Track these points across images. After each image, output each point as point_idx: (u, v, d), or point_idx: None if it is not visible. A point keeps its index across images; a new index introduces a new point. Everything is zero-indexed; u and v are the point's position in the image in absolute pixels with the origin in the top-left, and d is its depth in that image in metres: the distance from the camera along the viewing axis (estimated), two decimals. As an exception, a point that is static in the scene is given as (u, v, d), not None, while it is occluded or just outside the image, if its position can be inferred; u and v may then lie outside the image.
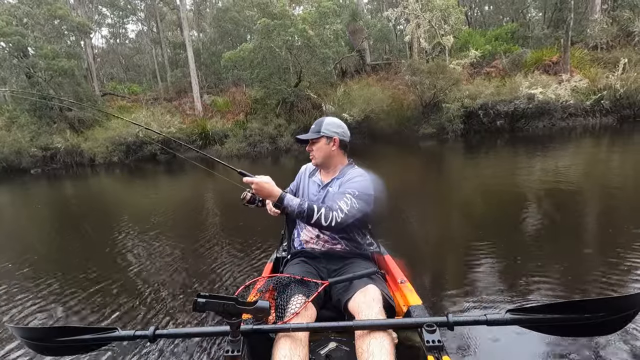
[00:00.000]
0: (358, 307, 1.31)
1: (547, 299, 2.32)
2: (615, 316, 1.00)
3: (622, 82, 11.96)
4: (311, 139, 1.69)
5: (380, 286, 1.44)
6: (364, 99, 13.32)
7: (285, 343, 1.18)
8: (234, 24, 19.83)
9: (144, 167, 13.41)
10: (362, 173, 1.66)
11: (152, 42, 24.37)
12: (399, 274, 1.74)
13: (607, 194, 4.87)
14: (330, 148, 1.67)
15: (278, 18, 13.25)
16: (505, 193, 5.27)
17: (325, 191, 1.69)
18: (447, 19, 13.84)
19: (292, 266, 1.64)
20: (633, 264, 2.68)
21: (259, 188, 1.45)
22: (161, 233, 4.63)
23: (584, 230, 3.71)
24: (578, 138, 10.65)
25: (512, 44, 16.07)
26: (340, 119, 1.68)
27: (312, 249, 1.68)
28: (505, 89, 12.53)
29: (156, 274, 3.30)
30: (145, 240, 4.38)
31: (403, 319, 1.41)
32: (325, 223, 1.44)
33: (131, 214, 6.17)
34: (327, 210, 1.45)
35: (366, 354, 1.14)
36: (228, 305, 1.05)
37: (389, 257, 1.93)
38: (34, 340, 1.19)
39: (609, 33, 14.68)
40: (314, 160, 1.72)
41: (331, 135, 1.65)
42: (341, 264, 1.62)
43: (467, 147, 11.31)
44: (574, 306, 1.05)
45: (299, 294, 1.37)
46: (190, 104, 18.10)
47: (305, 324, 1.21)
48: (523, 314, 1.11)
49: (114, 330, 1.19)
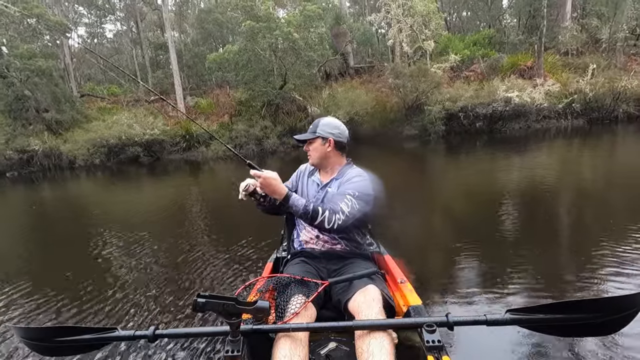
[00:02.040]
0: (358, 307, 1.32)
1: (547, 298, 2.37)
2: (615, 316, 1.00)
3: (591, 87, 12.66)
4: (308, 139, 1.71)
5: (380, 286, 1.44)
6: (349, 101, 13.56)
7: (285, 343, 1.18)
8: (217, 26, 19.73)
9: (127, 170, 13.18)
10: (361, 173, 1.67)
11: (132, 43, 23.89)
12: (398, 274, 1.75)
13: (582, 190, 5.23)
14: (325, 149, 1.68)
15: (263, 21, 13.33)
16: (495, 193, 5.45)
17: (324, 191, 1.70)
18: (428, 24, 14.25)
19: (292, 266, 1.64)
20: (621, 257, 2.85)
21: (266, 183, 1.44)
22: (153, 234, 4.64)
23: (575, 227, 3.84)
24: (552, 139, 11.22)
25: (490, 49, 16.68)
26: None
27: (312, 249, 1.68)
28: (484, 93, 13.03)
29: (150, 275, 3.29)
30: (136, 242, 4.36)
31: (403, 319, 1.41)
32: (328, 225, 1.45)
33: (119, 216, 6.13)
34: (331, 213, 1.46)
35: (366, 354, 1.14)
36: (228, 305, 1.05)
37: (388, 257, 1.94)
38: (34, 340, 1.19)
39: (578, 40, 15.49)
40: (311, 160, 1.75)
41: (326, 136, 1.67)
42: (341, 264, 1.63)
43: (449, 148, 11.70)
44: (573, 306, 1.05)
45: (299, 294, 1.37)
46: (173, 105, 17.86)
47: (305, 324, 1.22)
48: (523, 314, 1.11)
49: (113, 330, 1.20)
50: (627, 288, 2.41)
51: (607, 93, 12.59)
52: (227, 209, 5.77)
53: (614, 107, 12.70)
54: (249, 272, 3.08)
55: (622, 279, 2.54)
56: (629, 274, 2.58)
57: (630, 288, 2.41)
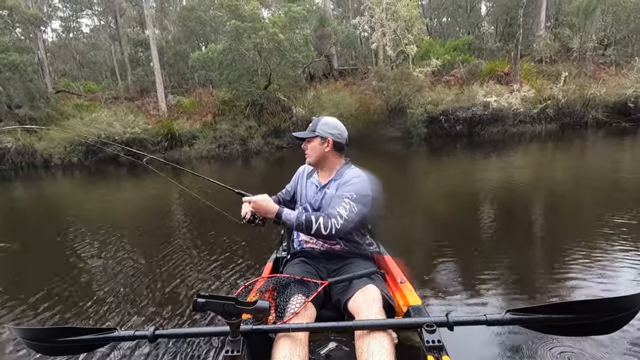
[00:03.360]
0: (358, 307, 1.32)
1: (547, 297, 2.40)
2: (614, 316, 1.01)
3: (563, 93, 13.30)
4: (307, 138, 1.71)
5: (380, 286, 1.44)
6: (333, 103, 13.71)
7: (285, 343, 1.18)
8: (199, 24, 19.48)
9: (105, 169, 12.83)
10: (359, 174, 1.66)
11: (110, 39, 23.24)
12: (398, 273, 1.75)
13: (564, 190, 5.56)
14: (324, 148, 1.67)
15: (248, 21, 13.29)
16: (484, 194, 5.61)
17: (322, 193, 1.68)
18: (411, 29, 14.60)
19: (291, 266, 1.64)
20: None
21: (257, 206, 1.50)
22: (144, 236, 4.60)
23: (568, 226, 3.91)
24: (527, 143, 11.72)
25: (469, 54, 17.23)
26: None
27: (312, 249, 1.68)
28: (464, 97, 13.46)
29: (140, 276, 3.27)
30: (126, 242, 4.33)
31: (403, 319, 1.40)
32: (325, 232, 1.45)
33: (105, 217, 6.00)
34: (326, 219, 1.46)
35: (366, 354, 1.14)
36: (228, 305, 1.05)
37: (388, 257, 1.94)
38: (34, 341, 1.19)
39: (552, 48, 16.24)
40: (309, 159, 1.74)
41: (325, 135, 1.66)
42: (341, 264, 1.62)
43: (431, 150, 12.02)
44: (573, 306, 1.06)
45: (299, 294, 1.37)
46: (154, 104, 17.52)
47: (305, 324, 1.22)
48: (523, 314, 1.11)
49: (113, 331, 1.19)
50: (621, 283, 2.54)
51: (577, 100, 13.27)
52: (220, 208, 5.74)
53: (584, 113, 13.39)
54: (248, 272, 3.07)
55: (619, 275, 2.64)
56: (622, 271, 2.70)
57: (623, 282, 2.53)
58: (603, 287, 2.53)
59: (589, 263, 2.87)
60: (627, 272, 2.70)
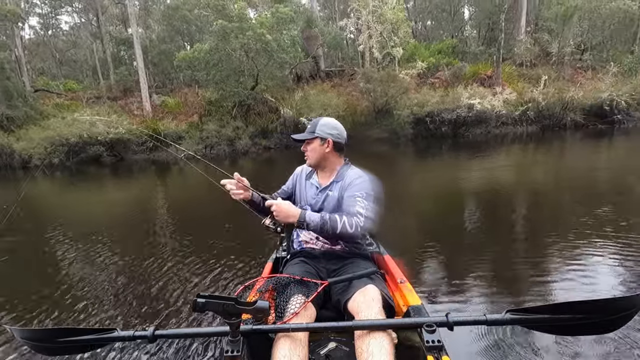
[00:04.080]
0: (357, 307, 1.31)
1: (547, 296, 2.42)
2: (614, 316, 1.01)
3: (543, 96, 13.74)
4: (306, 139, 1.69)
5: (380, 286, 1.44)
6: (321, 104, 13.77)
7: (284, 343, 1.18)
8: (185, 23, 19.25)
9: (87, 170, 12.54)
10: (361, 174, 1.67)
11: (92, 37, 22.67)
12: (398, 274, 1.74)
13: (542, 189, 5.73)
14: (324, 149, 1.66)
15: (235, 21, 13.23)
16: (476, 193, 5.70)
17: (324, 194, 1.68)
18: (397, 32, 14.83)
19: (291, 266, 1.63)
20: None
21: (279, 210, 1.47)
22: (141, 237, 4.54)
23: (563, 225, 3.93)
24: (509, 144, 12.05)
25: (453, 57, 17.59)
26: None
27: (312, 249, 1.67)
28: (449, 99, 13.74)
29: (139, 277, 3.26)
30: (122, 244, 4.29)
31: (403, 319, 1.40)
32: (351, 230, 1.45)
33: (97, 218, 5.88)
34: (349, 217, 1.46)
35: (366, 354, 1.13)
36: (228, 306, 1.04)
37: (388, 257, 1.93)
38: (33, 341, 1.19)
39: (532, 52, 16.74)
40: (309, 160, 1.72)
41: (325, 136, 1.65)
42: (341, 264, 1.62)
43: (417, 151, 12.24)
44: (573, 307, 1.06)
45: (299, 294, 1.37)
46: (138, 103, 17.21)
47: (305, 324, 1.21)
48: (523, 314, 1.11)
49: (113, 331, 1.19)
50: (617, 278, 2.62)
51: (557, 102, 13.72)
52: (215, 209, 5.71)
53: (563, 116, 13.86)
54: (248, 272, 3.07)
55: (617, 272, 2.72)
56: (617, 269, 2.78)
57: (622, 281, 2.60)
58: (604, 284, 2.55)
59: (590, 260, 2.90)
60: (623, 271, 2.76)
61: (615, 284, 2.59)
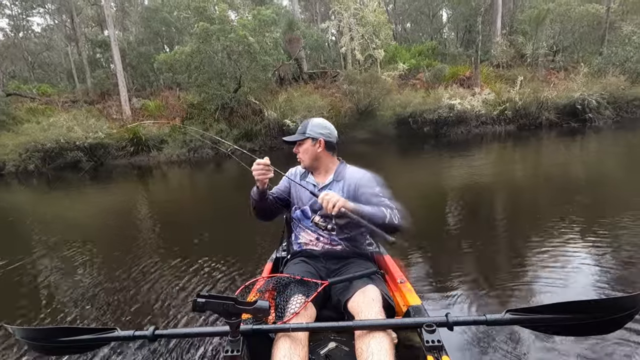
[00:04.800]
0: (357, 307, 1.32)
1: (548, 296, 2.42)
2: (614, 316, 1.01)
3: (520, 96, 14.22)
4: (297, 141, 1.69)
5: (380, 286, 1.44)
6: (305, 106, 13.80)
7: (285, 343, 1.18)
8: (165, 25, 18.94)
9: (65, 176, 12.14)
10: (362, 171, 1.69)
11: (66, 39, 21.99)
12: (398, 274, 1.75)
13: (535, 186, 5.95)
14: (316, 149, 1.66)
15: (217, 23, 13.13)
16: (468, 191, 5.77)
17: (323, 192, 1.65)
18: (378, 34, 15.06)
19: (291, 266, 1.63)
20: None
21: (328, 198, 1.42)
22: (138, 238, 4.47)
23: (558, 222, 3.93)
24: (489, 143, 12.41)
25: (433, 59, 17.98)
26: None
27: (312, 249, 1.67)
28: (430, 100, 14.03)
29: (137, 277, 3.24)
30: (121, 246, 4.23)
31: (402, 319, 1.40)
32: (396, 221, 1.44)
33: (87, 224, 5.72)
34: (389, 211, 1.46)
35: (365, 353, 1.14)
36: (228, 305, 1.05)
37: (388, 257, 1.93)
38: (33, 341, 1.19)
39: (507, 54, 17.31)
40: (303, 162, 1.72)
41: (316, 136, 1.65)
42: (341, 264, 1.62)
43: (401, 151, 12.44)
44: (574, 307, 1.06)
45: (299, 293, 1.37)
46: (117, 107, 16.79)
47: (305, 324, 1.22)
48: (523, 314, 1.11)
49: (113, 331, 1.18)
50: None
51: (532, 102, 14.22)
52: (211, 210, 5.68)
53: (539, 115, 14.38)
54: (248, 272, 3.08)
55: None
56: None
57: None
58: (605, 281, 2.58)
59: (591, 259, 2.92)
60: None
61: (613, 277, 2.63)
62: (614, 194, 5.00)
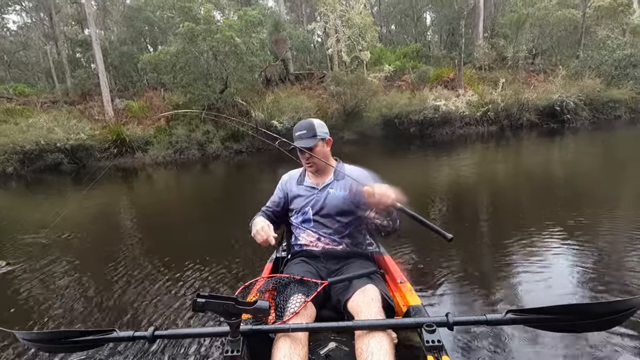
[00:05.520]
0: (357, 306, 1.32)
1: (548, 295, 2.43)
2: (613, 316, 1.02)
3: (502, 98, 14.62)
4: (313, 145, 1.65)
5: (380, 286, 1.44)
6: (292, 107, 13.82)
7: (284, 343, 1.18)
8: (148, 24, 18.63)
9: (45, 179, 11.80)
10: (362, 169, 1.71)
11: (45, 38, 21.36)
12: (398, 274, 1.74)
13: (525, 185, 6.15)
14: (326, 150, 1.69)
15: (203, 23, 13.01)
16: (464, 191, 5.89)
17: (324, 193, 1.68)
18: (364, 36, 15.21)
19: (292, 266, 1.63)
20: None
21: (379, 191, 1.40)
22: (136, 239, 4.41)
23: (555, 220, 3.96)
24: (473, 143, 12.72)
25: (418, 61, 18.28)
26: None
27: (312, 249, 1.67)
28: (416, 101, 14.27)
29: (136, 278, 3.23)
30: (119, 246, 4.15)
31: (402, 319, 1.40)
32: (395, 225, 1.50)
33: (82, 225, 5.59)
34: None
35: (365, 353, 1.14)
36: (227, 305, 1.04)
37: (388, 257, 1.93)
38: (35, 342, 1.22)
39: (489, 57, 17.77)
40: (315, 165, 1.69)
41: (324, 136, 1.68)
42: (341, 264, 1.62)
43: (387, 152, 12.59)
44: (574, 308, 1.06)
45: (299, 293, 1.36)
46: (99, 108, 16.40)
47: (305, 324, 1.21)
48: (524, 314, 1.10)
49: (112, 332, 1.18)
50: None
51: (514, 104, 14.65)
52: (204, 211, 5.62)
53: (520, 116, 14.82)
54: (248, 272, 3.08)
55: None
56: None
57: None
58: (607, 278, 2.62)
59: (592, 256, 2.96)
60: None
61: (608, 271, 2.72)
62: (590, 192, 5.25)
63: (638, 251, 3.02)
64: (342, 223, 1.66)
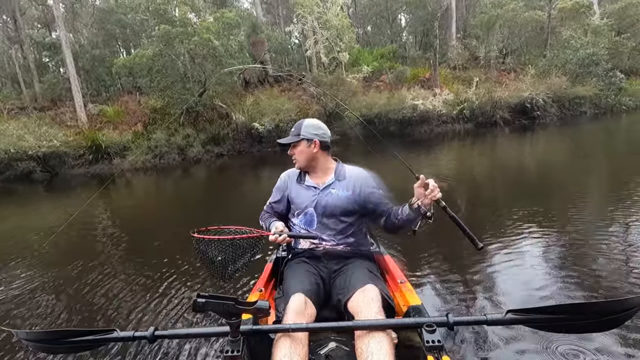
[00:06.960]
0: (357, 306, 1.32)
1: (549, 295, 2.42)
2: (613, 316, 1.02)
3: (476, 96, 15.14)
4: (292, 142, 1.71)
5: (380, 286, 1.44)
6: (273, 109, 13.80)
7: (285, 343, 1.18)
8: (120, 27, 18.12)
9: (17, 189, 11.30)
10: (363, 170, 1.75)
11: (9, 41, 20.39)
12: (398, 274, 1.74)
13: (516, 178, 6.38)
14: (311, 150, 1.68)
15: (179, 26, 12.81)
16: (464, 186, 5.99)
17: (326, 193, 1.69)
18: (342, 37, 15.40)
19: (292, 266, 1.63)
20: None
21: (434, 185, 1.45)
22: (135, 240, 4.34)
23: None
24: (450, 140, 13.13)
25: (394, 62, 18.64)
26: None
27: (313, 249, 1.68)
28: (394, 100, 14.56)
29: (136, 279, 3.19)
30: (117, 247, 4.05)
31: (403, 319, 1.40)
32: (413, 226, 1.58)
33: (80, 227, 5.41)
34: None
35: (365, 353, 1.14)
36: (228, 305, 1.05)
37: (388, 257, 1.94)
38: (36, 342, 1.22)
39: (463, 57, 18.35)
40: (298, 163, 1.73)
41: (311, 137, 1.68)
42: (341, 264, 1.62)
43: (369, 151, 12.75)
44: (575, 308, 1.06)
45: (299, 293, 1.38)
46: (71, 113, 15.81)
47: (305, 324, 1.21)
48: (524, 314, 1.10)
49: (112, 332, 1.18)
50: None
51: (487, 102, 15.20)
52: (198, 213, 5.55)
53: (493, 113, 15.38)
54: (248, 272, 3.01)
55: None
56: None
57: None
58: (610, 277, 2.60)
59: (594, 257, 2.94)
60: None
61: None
62: (560, 184, 5.58)
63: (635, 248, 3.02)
64: (347, 223, 1.68)
